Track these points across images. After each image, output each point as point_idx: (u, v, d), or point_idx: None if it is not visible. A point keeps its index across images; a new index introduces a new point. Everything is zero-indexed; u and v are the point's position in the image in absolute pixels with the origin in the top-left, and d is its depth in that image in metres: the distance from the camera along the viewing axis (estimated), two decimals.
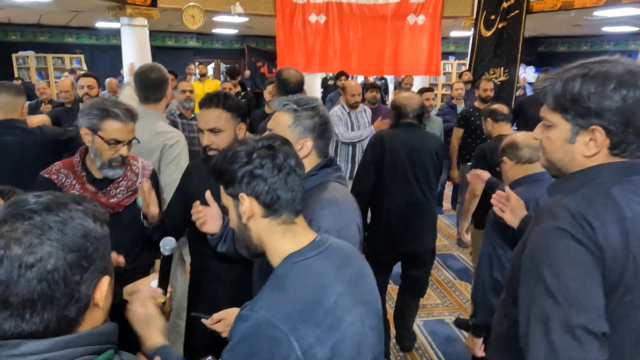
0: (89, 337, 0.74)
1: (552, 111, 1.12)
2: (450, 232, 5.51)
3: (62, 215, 0.72)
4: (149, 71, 2.46)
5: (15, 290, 0.68)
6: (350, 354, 0.98)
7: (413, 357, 3.13)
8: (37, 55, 10.51)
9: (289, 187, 1.03)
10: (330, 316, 0.95)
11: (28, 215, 0.71)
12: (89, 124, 1.78)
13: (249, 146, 1.05)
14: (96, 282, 0.76)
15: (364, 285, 1.09)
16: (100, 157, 1.79)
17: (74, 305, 0.72)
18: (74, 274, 0.71)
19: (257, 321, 0.91)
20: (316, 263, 1.02)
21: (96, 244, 0.75)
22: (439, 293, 4.02)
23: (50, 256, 0.69)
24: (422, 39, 8.11)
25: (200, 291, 1.96)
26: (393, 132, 2.93)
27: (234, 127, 1.84)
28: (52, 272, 0.69)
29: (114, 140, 1.78)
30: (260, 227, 1.05)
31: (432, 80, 11.76)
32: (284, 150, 1.06)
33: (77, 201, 0.77)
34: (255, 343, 0.90)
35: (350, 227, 1.36)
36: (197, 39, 12.17)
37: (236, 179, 1.03)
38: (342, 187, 1.48)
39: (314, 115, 1.45)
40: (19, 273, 0.68)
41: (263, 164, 1.02)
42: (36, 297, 0.68)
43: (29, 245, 0.69)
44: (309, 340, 0.90)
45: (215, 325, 1.38)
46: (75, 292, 0.72)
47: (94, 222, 0.76)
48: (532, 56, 11.89)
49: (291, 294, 0.95)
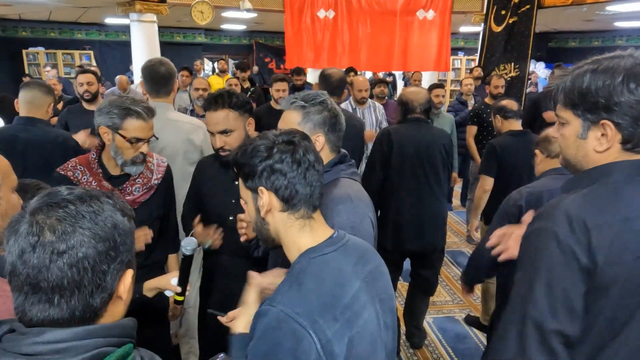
0: (110, 329, 0.75)
1: (563, 108, 1.12)
2: (460, 229, 5.48)
3: (94, 206, 0.74)
4: (158, 65, 2.47)
5: (46, 275, 0.70)
6: (364, 350, 0.98)
7: (423, 354, 3.12)
8: (47, 52, 10.57)
9: (307, 181, 1.04)
10: (348, 312, 0.96)
11: (63, 204, 0.73)
12: (109, 122, 1.76)
13: (269, 140, 1.05)
14: (121, 274, 0.77)
15: (380, 282, 1.10)
16: (121, 155, 1.79)
17: (99, 295, 0.74)
18: (102, 263, 0.73)
19: (277, 315, 0.92)
20: (334, 259, 1.02)
21: (123, 236, 0.77)
22: (448, 290, 4.00)
23: (82, 244, 0.71)
24: (431, 35, 8.06)
25: (214, 288, 1.96)
26: (400, 128, 2.91)
27: (243, 124, 1.84)
28: (82, 260, 0.71)
29: (135, 138, 1.77)
30: (278, 221, 1.06)
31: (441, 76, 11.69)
32: (304, 145, 1.06)
33: (107, 195, 0.79)
34: (277, 336, 0.91)
35: (364, 224, 1.35)
36: (206, 34, 12.18)
37: (256, 173, 1.03)
38: (355, 183, 1.47)
39: (322, 110, 1.44)
40: (51, 259, 0.70)
41: (283, 159, 1.02)
42: (65, 284, 0.70)
43: (62, 232, 0.70)
44: (328, 335, 0.91)
45: (230, 323, 1.37)
46: (101, 281, 0.74)
47: (123, 216, 0.78)
48: (542, 52, 11.78)
49: (309, 289, 0.96)
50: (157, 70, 2.45)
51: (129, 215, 0.80)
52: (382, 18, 7.91)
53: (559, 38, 12.37)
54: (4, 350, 0.69)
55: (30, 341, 0.69)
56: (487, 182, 3.15)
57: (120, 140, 1.77)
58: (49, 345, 0.69)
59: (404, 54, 8.14)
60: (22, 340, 0.69)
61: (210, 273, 2.00)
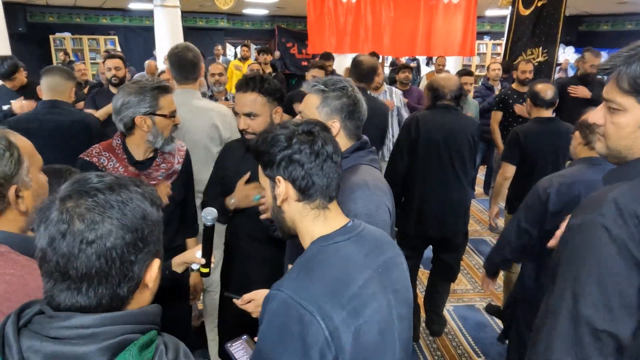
0: (136, 316, 0.76)
1: (623, 94, 1.01)
2: (482, 217, 5.41)
3: (123, 196, 0.74)
4: (186, 51, 2.45)
5: (75, 264, 0.70)
6: (372, 340, 0.97)
7: (443, 342, 3.11)
8: (73, 37, 10.74)
9: (324, 173, 1.04)
10: (355, 301, 0.95)
11: (92, 193, 0.73)
12: (146, 109, 1.76)
13: (289, 130, 1.06)
14: (148, 263, 0.78)
15: (394, 273, 1.08)
16: (162, 135, 1.82)
17: (126, 284, 0.74)
18: (130, 254, 0.73)
19: (284, 300, 0.92)
20: (345, 248, 1.02)
21: (152, 226, 0.77)
22: (469, 278, 3.97)
23: (110, 234, 0.71)
24: (456, 18, 7.89)
25: (233, 270, 1.99)
26: (429, 114, 2.85)
27: (270, 111, 1.83)
28: (110, 250, 0.71)
29: (172, 112, 1.83)
30: (293, 210, 1.07)
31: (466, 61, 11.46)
32: (323, 136, 1.06)
33: (137, 184, 0.79)
34: (284, 321, 0.91)
35: (381, 211, 1.34)
36: (228, 19, 12.19)
37: (274, 162, 1.04)
38: (374, 170, 1.45)
39: (341, 96, 1.43)
40: (79, 248, 0.70)
41: (301, 149, 1.03)
42: (93, 273, 0.71)
43: (91, 221, 0.71)
44: (335, 322, 0.90)
45: (245, 306, 1.39)
46: (128, 271, 0.74)
47: (151, 206, 0.78)
48: (572, 36, 11.40)
49: (317, 276, 0.96)
50: (184, 56, 2.44)
51: (157, 205, 0.80)
52: (406, 2, 7.77)
53: (590, 21, 11.95)
54: (32, 332, 0.71)
55: (57, 325, 0.70)
56: (508, 170, 3.09)
57: (160, 120, 1.79)
58: (75, 330, 0.70)
59: (428, 38, 7.99)
60: (50, 323, 0.71)
61: (231, 257, 2.02)
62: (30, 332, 0.71)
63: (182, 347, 0.79)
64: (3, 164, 0.99)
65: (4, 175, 0.99)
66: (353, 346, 0.92)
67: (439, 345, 3.08)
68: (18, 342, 0.69)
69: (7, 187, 1.00)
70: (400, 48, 8.25)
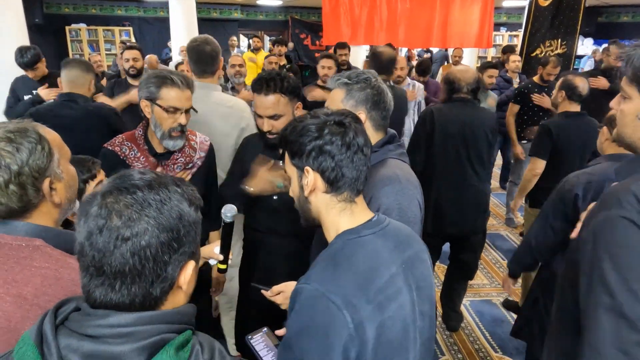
0: (172, 315, 0.75)
1: (629, 83, 1.04)
2: (498, 211, 5.36)
3: (161, 195, 0.74)
4: (204, 44, 2.43)
5: (110, 260, 0.70)
6: (395, 336, 0.97)
7: (460, 337, 3.10)
8: (88, 28, 10.80)
9: (354, 165, 1.02)
10: (380, 295, 0.94)
11: (132, 190, 0.73)
12: (147, 94, 1.77)
13: (320, 120, 1.04)
14: (183, 264, 0.77)
15: (418, 269, 1.07)
16: (160, 127, 1.80)
17: (160, 284, 0.73)
18: (164, 254, 0.72)
19: (312, 293, 0.93)
20: (370, 242, 1.01)
21: (188, 227, 0.76)
22: (486, 273, 3.94)
23: (146, 232, 0.70)
24: (473, 9, 7.78)
25: (255, 265, 1.98)
26: (444, 108, 2.81)
27: (292, 109, 1.83)
28: (144, 248, 0.70)
29: (172, 107, 1.77)
30: (320, 201, 1.06)
31: (481, 53, 11.31)
32: (355, 127, 1.04)
33: (177, 183, 0.78)
34: (312, 314, 0.91)
35: (412, 206, 1.33)
36: (242, 10, 12.15)
37: (304, 152, 1.03)
38: (404, 164, 1.44)
39: (365, 87, 1.43)
40: (115, 244, 0.70)
41: (332, 141, 1.01)
42: (127, 270, 0.70)
43: (128, 218, 0.70)
44: (361, 316, 0.90)
45: (274, 297, 1.39)
46: (162, 271, 0.73)
47: (189, 206, 0.77)
48: (591, 27, 11.16)
49: (344, 269, 0.95)
50: (203, 50, 2.42)
51: (196, 205, 0.79)
52: None
53: (610, 12, 11.69)
54: (70, 330, 0.71)
55: (95, 323, 0.70)
56: (539, 165, 3.00)
57: (158, 111, 1.77)
58: (112, 329, 0.69)
59: (444, 29, 7.90)
60: (88, 321, 0.71)
61: (252, 251, 2.02)
62: (68, 330, 0.71)
63: (217, 347, 0.79)
64: (36, 157, 0.99)
65: (38, 169, 0.99)
66: (376, 341, 0.92)
67: (456, 340, 3.07)
68: (56, 340, 0.69)
69: (42, 181, 1.01)
70: (415, 39, 8.16)
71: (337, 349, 0.89)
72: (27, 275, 0.93)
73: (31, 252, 0.97)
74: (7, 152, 0.97)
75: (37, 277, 0.94)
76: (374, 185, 1.31)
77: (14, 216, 1.00)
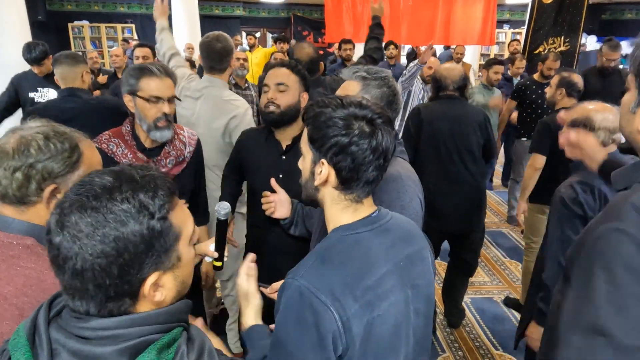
0: (158, 315, 0.74)
1: (632, 75, 1.00)
2: (500, 209, 5.35)
3: (95, 217, 0.69)
4: (215, 41, 2.43)
5: (61, 274, 0.70)
6: (386, 333, 0.96)
7: (460, 334, 3.10)
8: (91, 25, 10.81)
9: (373, 170, 0.98)
10: (370, 294, 0.93)
11: (67, 210, 0.70)
12: (127, 88, 1.76)
13: (347, 113, 0.97)
14: (143, 278, 0.72)
15: (418, 267, 1.06)
16: (145, 119, 1.77)
17: (113, 301, 0.71)
18: (105, 277, 0.69)
19: (298, 288, 0.91)
20: (366, 239, 0.99)
21: (136, 247, 0.70)
22: (487, 271, 3.94)
23: (78, 257, 0.68)
24: (476, 7, 7.73)
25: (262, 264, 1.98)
26: (431, 105, 2.84)
27: (299, 91, 1.84)
28: (82, 272, 0.68)
29: (154, 97, 1.75)
30: (327, 194, 1.03)
31: (484, 50, 11.28)
32: (384, 130, 0.98)
33: (129, 195, 0.71)
34: (299, 310, 0.91)
35: (414, 203, 1.33)
36: (244, 7, 12.14)
37: (324, 144, 0.97)
38: (405, 162, 1.45)
39: (382, 85, 1.42)
40: (59, 263, 0.70)
41: (359, 143, 0.95)
42: (75, 287, 0.70)
43: (65, 239, 0.69)
44: (347, 314, 0.89)
45: (273, 295, 1.40)
46: (109, 292, 0.70)
47: (140, 221, 0.70)
48: (594, 24, 11.13)
49: (333, 266, 0.94)
50: (213, 46, 2.42)
51: (152, 215, 0.71)
52: None
53: (614, 9, 11.65)
54: (60, 326, 0.72)
55: (79, 325, 0.70)
56: (539, 161, 3.01)
57: (140, 103, 1.75)
58: (94, 331, 0.70)
59: (447, 27, 7.85)
60: (73, 322, 0.71)
61: (255, 248, 2.02)
62: (58, 326, 0.72)
63: (207, 346, 0.78)
64: (56, 160, 0.99)
65: (50, 171, 0.99)
66: (364, 338, 0.92)
67: (456, 337, 3.08)
68: (48, 332, 0.70)
69: (48, 184, 1.00)
70: (417, 37, 8.11)
71: (328, 345, 0.89)
72: (11, 274, 0.93)
73: (20, 251, 0.97)
74: (37, 146, 0.98)
75: (20, 277, 0.93)
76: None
77: (8, 202, 1.00)
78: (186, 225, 0.79)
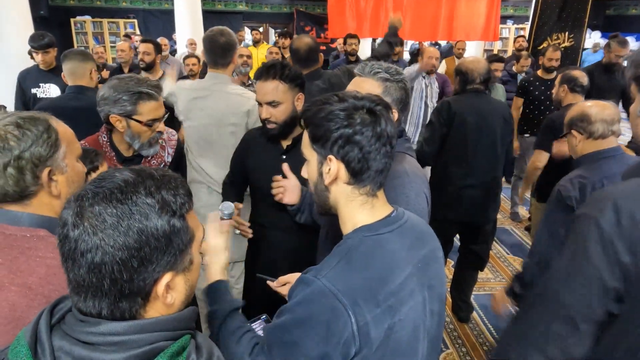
0: (167, 322, 0.72)
1: (633, 83, 1.07)
2: (504, 205, 5.33)
3: (121, 209, 0.68)
4: (218, 35, 2.41)
5: (73, 271, 0.68)
6: (405, 337, 0.95)
7: (464, 331, 3.10)
8: (93, 20, 10.81)
9: (381, 158, 0.97)
10: (392, 298, 0.92)
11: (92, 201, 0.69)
12: (120, 110, 1.68)
13: (348, 105, 0.97)
14: (157, 277, 0.71)
15: (432, 268, 1.05)
16: (138, 139, 1.74)
17: (126, 300, 0.70)
18: (123, 272, 0.68)
19: (320, 288, 0.90)
20: (388, 241, 0.97)
21: (157, 242, 0.70)
22: (491, 267, 3.93)
23: (98, 249, 0.67)
24: (480, 2, 7.69)
25: (260, 262, 1.98)
26: (460, 98, 2.83)
27: (292, 99, 1.80)
28: (99, 266, 0.67)
29: (151, 120, 1.72)
30: (340, 192, 1.00)
31: (487, 46, 11.22)
32: (386, 117, 0.98)
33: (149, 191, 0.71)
34: (315, 308, 0.89)
35: (419, 199, 1.32)
36: (247, 2, 12.11)
37: (329, 139, 0.96)
38: (411, 158, 1.44)
39: (402, 88, 1.42)
40: (73, 256, 0.68)
41: (363, 131, 0.94)
42: (87, 284, 0.68)
43: (84, 232, 0.67)
44: (367, 318, 0.88)
45: (280, 288, 1.39)
46: (124, 288, 0.69)
47: (162, 217, 0.70)
48: (599, 20, 11.07)
49: (357, 269, 0.92)
50: (216, 41, 2.40)
51: (174, 213, 0.72)
52: None
53: (619, 5, 11.58)
54: (64, 333, 0.70)
55: (86, 330, 0.68)
56: (542, 158, 3.00)
57: (136, 126, 1.70)
58: (104, 337, 0.67)
59: (450, 22, 7.81)
60: (80, 327, 0.69)
61: (256, 247, 2.02)
62: (62, 332, 0.70)
63: (215, 353, 0.77)
64: (39, 145, 1.00)
65: (39, 156, 1.00)
66: (384, 342, 0.91)
67: (460, 333, 3.07)
68: (50, 340, 0.68)
69: (42, 169, 1.01)
70: (421, 32, 8.08)
71: (334, 341, 0.87)
72: (32, 265, 0.94)
73: (35, 242, 0.98)
74: (13, 136, 0.98)
75: (42, 266, 0.94)
76: None
77: (11, 201, 1.00)
78: (198, 230, 0.79)
